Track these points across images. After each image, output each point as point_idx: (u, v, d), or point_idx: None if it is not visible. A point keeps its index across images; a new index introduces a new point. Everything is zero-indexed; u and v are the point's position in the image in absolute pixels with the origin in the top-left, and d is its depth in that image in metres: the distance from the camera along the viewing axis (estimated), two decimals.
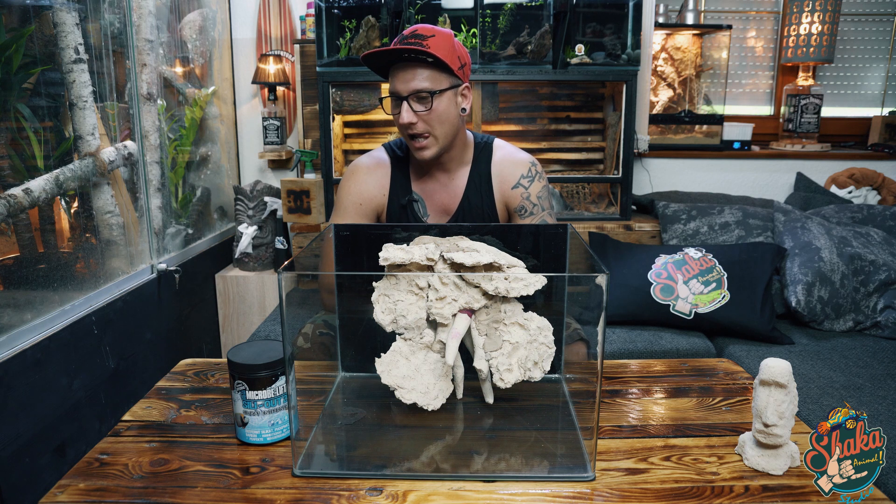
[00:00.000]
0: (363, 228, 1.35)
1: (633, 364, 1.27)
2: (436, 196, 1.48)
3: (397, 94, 1.34)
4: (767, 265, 2.12)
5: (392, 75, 1.36)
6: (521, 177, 1.47)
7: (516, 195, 1.47)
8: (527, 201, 1.47)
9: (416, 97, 1.33)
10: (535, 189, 1.47)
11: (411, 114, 1.33)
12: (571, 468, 0.89)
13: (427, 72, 1.32)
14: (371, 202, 1.47)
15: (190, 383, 1.17)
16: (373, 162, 1.49)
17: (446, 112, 1.36)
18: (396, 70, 1.34)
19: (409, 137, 1.38)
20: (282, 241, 2.65)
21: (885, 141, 2.92)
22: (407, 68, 1.33)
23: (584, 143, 2.73)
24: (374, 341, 1.00)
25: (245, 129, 2.89)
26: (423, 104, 1.34)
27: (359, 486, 0.85)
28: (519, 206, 1.47)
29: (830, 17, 2.71)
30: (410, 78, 1.32)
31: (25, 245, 1.67)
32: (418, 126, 1.35)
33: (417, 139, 1.36)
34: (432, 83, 1.33)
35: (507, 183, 1.47)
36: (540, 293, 0.95)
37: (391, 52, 1.31)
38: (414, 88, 1.32)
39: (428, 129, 1.35)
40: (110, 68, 1.94)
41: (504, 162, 1.48)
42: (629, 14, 2.42)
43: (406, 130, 1.36)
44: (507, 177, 1.47)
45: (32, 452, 1.46)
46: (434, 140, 1.37)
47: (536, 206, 1.47)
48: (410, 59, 1.32)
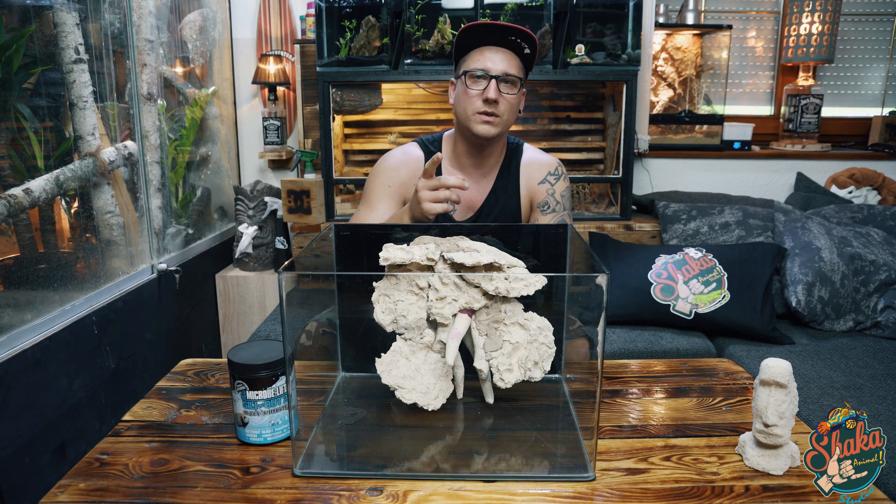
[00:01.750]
0: (363, 228, 1.35)
1: (634, 364, 1.27)
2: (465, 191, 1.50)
3: (487, 72, 1.38)
4: (768, 265, 2.12)
5: (481, 53, 1.40)
6: (548, 174, 1.53)
7: (542, 190, 1.53)
8: (551, 197, 1.52)
9: (506, 79, 1.39)
10: (560, 188, 1.54)
11: (498, 92, 1.38)
12: (572, 468, 0.89)
13: (517, 61, 1.40)
14: (401, 187, 1.50)
15: (190, 383, 1.17)
16: (405, 155, 1.53)
17: (516, 105, 1.44)
18: (486, 50, 1.39)
19: (479, 114, 1.41)
20: (282, 241, 2.65)
21: (886, 141, 2.92)
22: (502, 51, 1.39)
23: (585, 143, 2.73)
24: (374, 341, 1.00)
25: (245, 129, 2.89)
26: (510, 88, 1.40)
27: (359, 486, 0.85)
28: (543, 201, 1.52)
29: (830, 17, 2.71)
30: (506, 60, 1.38)
31: (26, 245, 1.67)
32: (499, 106, 1.39)
33: (488, 115, 1.40)
34: (520, 71, 1.41)
35: (535, 179, 1.53)
36: (540, 293, 0.95)
37: (496, 28, 1.36)
38: (506, 71, 1.38)
39: (504, 112, 1.41)
40: (110, 68, 1.94)
41: (532, 161, 1.54)
42: (629, 14, 2.42)
43: (484, 108, 1.39)
44: (535, 173, 1.53)
45: (32, 452, 1.46)
46: (500, 121, 1.41)
47: (559, 205, 1.53)
48: (511, 43, 1.38)
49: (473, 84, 1.40)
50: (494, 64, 1.38)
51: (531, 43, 1.39)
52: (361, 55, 2.40)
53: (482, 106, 1.39)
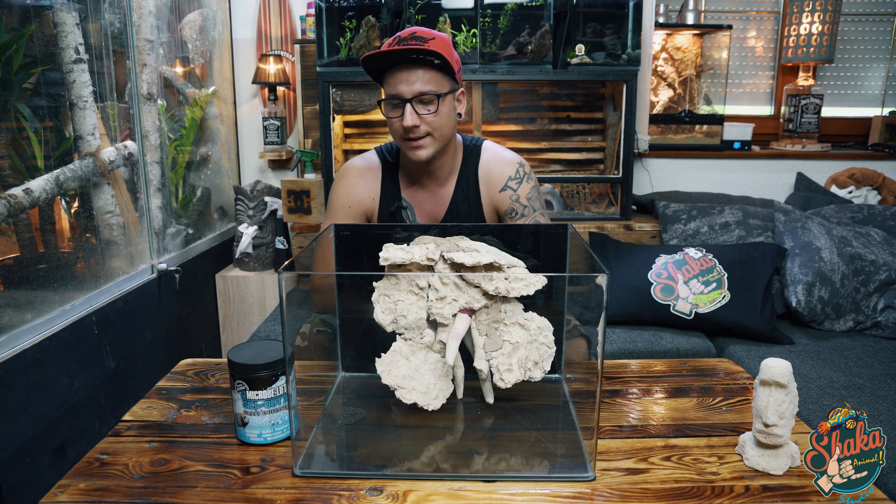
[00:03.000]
0: (363, 229, 1.35)
1: (634, 364, 1.27)
2: (425, 204, 1.45)
3: (400, 97, 1.29)
4: (768, 265, 2.12)
5: (392, 77, 1.30)
6: (508, 179, 1.43)
7: (505, 198, 1.43)
8: (517, 203, 1.43)
9: (420, 100, 1.29)
10: (525, 190, 1.43)
11: (415, 116, 1.29)
12: (572, 468, 0.89)
13: (431, 74, 1.29)
14: (360, 205, 1.45)
15: (190, 383, 1.17)
16: (364, 165, 1.47)
17: (448, 116, 1.33)
18: (397, 72, 1.29)
19: (405, 140, 1.33)
20: (282, 241, 2.65)
21: (886, 141, 2.92)
22: (410, 70, 1.28)
23: (585, 143, 2.73)
24: (374, 341, 1.00)
25: (245, 129, 2.89)
26: (427, 107, 1.30)
27: (359, 486, 0.85)
28: (509, 209, 1.43)
29: (830, 17, 2.71)
30: (415, 80, 1.28)
31: (26, 245, 1.67)
32: (420, 130, 1.30)
33: (414, 139, 1.32)
34: (437, 86, 1.30)
35: (495, 186, 1.43)
36: (540, 293, 0.95)
37: (395, 54, 1.26)
38: (419, 91, 1.28)
39: (429, 132, 1.32)
40: (110, 68, 1.94)
41: (490, 164, 1.44)
42: (629, 14, 2.42)
43: (407, 134, 1.31)
44: (494, 179, 1.43)
45: (33, 452, 1.46)
46: (432, 140, 1.33)
47: (527, 208, 1.43)
48: (415, 60, 1.27)
49: (391, 111, 1.32)
50: (407, 85, 1.28)
51: (438, 55, 1.26)
52: (361, 55, 2.40)
53: (404, 133, 1.31)
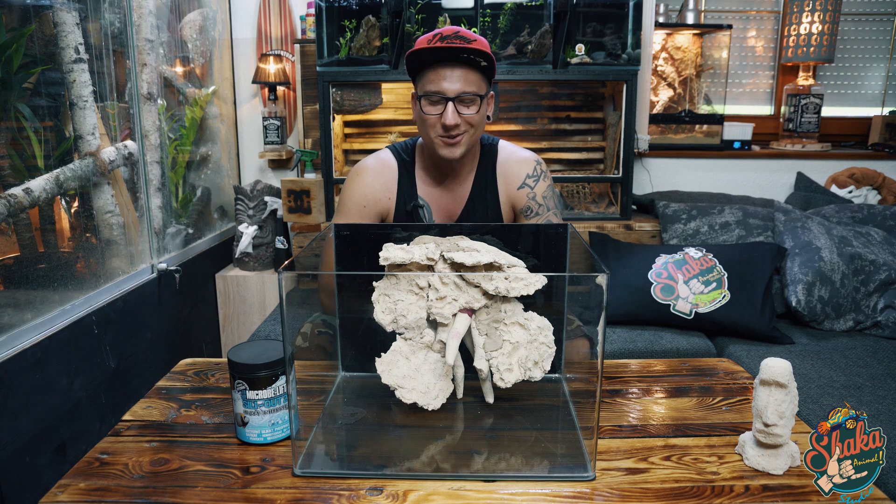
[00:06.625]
0: (363, 228, 1.35)
1: (634, 364, 1.27)
2: (441, 201, 1.46)
3: (443, 94, 1.30)
4: (768, 265, 2.12)
5: (434, 73, 1.30)
6: (526, 176, 1.45)
7: (522, 196, 1.46)
8: (533, 202, 1.46)
9: (462, 99, 1.31)
10: (541, 189, 1.46)
11: (457, 116, 1.30)
12: (572, 468, 0.89)
13: (475, 75, 1.31)
14: (376, 205, 1.45)
15: (190, 383, 1.17)
16: (379, 164, 1.46)
17: (483, 117, 1.36)
18: (441, 69, 1.30)
19: (442, 137, 1.34)
20: (282, 240, 2.65)
21: (886, 141, 2.92)
22: (455, 68, 1.29)
23: (585, 143, 2.73)
24: (374, 341, 1.00)
25: (245, 129, 2.89)
26: (469, 107, 1.31)
27: (359, 486, 0.85)
28: (525, 206, 1.46)
29: (830, 16, 2.71)
30: (460, 79, 1.29)
31: (26, 245, 1.67)
32: (460, 129, 1.32)
33: (452, 137, 1.33)
34: (479, 87, 1.32)
35: (513, 184, 1.45)
36: (540, 293, 0.95)
37: (447, 51, 1.27)
38: (463, 90, 1.30)
39: (466, 131, 1.34)
40: (110, 68, 1.94)
41: (509, 162, 1.46)
42: (629, 14, 2.42)
43: (447, 132, 1.32)
44: (513, 177, 1.45)
45: (32, 452, 1.46)
46: (468, 139, 1.35)
47: (542, 206, 1.46)
48: (463, 59, 1.29)
49: (430, 107, 1.32)
50: (451, 83, 1.29)
51: (486, 56, 1.29)
52: (361, 55, 2.40)
53: (442, 130, 1.32)
